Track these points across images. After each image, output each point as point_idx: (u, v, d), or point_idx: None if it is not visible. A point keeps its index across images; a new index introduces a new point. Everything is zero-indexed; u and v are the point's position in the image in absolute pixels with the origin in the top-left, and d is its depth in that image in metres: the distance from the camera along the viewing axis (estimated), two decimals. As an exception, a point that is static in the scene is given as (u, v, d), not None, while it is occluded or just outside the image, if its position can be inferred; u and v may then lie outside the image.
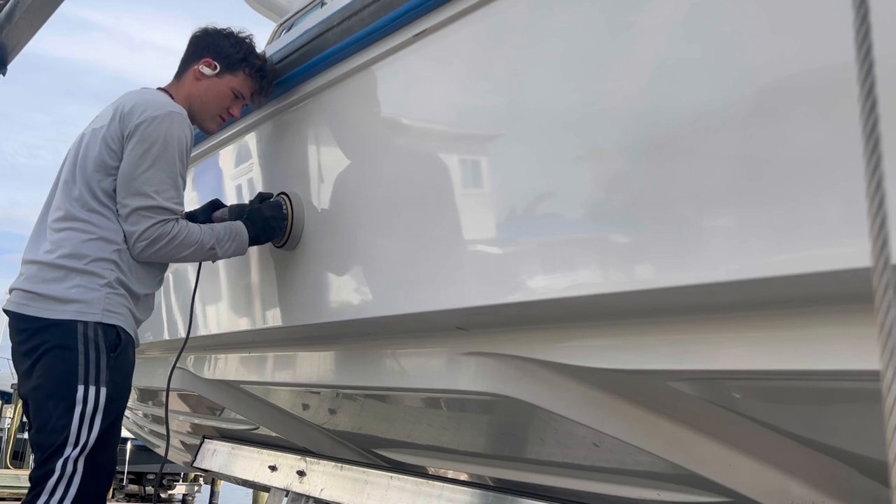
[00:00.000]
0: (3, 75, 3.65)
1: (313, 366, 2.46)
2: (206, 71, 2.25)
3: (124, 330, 2.08)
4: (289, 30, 3.38)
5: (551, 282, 1.45)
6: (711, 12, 1.18)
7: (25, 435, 17.34)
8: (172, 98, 2.22)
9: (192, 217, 2.37)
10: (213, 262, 2.35)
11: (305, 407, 2.89)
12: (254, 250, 2.41)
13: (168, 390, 2.64)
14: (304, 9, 3.63)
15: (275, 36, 3.95)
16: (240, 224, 2.21)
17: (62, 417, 1.96)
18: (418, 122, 1.85)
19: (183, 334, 2.61)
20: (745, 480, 1.56)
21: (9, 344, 2.16)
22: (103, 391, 2.00)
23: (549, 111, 1.46)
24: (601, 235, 1.36)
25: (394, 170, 1.90)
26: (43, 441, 1.98)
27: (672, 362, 1.36)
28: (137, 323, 2.17)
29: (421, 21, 1.73)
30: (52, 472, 1.93)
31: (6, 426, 17.62)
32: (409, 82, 1.87)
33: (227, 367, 2.95)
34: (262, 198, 2.26)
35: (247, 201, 2.37)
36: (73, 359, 1.98)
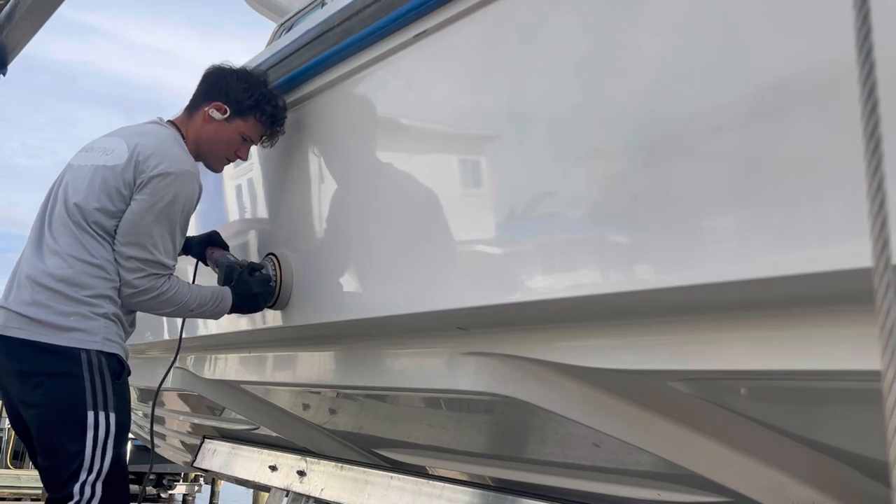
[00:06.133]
0: (4, 75, 3.65)
1: (313, 366, 2.46)
2: (216, 115, 2.22)
3: (122, 359, 2.09)
4: (289, 30, 3.38)
5: (551, 282, 1.45)
6: (712, 12, 1.18)
7: (25, 435, 17.32)
8: (182, 135, 2.22)
9: (187, 245, 2.34)
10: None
11: (306, 407, 2.89)
12: (252, 250, 2.41)
13: (158, 391, 2.63)
14: (304, 9, 3.63)
15: (275, 36, 3.95)
16: (227, 292, 2.22)
17: (75, 443, 1.96)
18: (419, 123, 1.85)
19: (185, 334, 2.60)
20: (745, 480, 1.56)
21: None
22: (113, 417, 2.00)
23: (549, 111, 1.46)
24: (601, 235, 1.36)
25: (394, 170, 1.90)
26: (56, 467, 1.98)
27: (672, 362, 1.36)
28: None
29: (421, 21, 1.73)
30: (71, 496, 1.94)
31: (6, 426, 17.61)
32: (409, 83, 1.87)
33: (227, 367, 2.95)
34: (252, 269, 2.24)
35: (234, 256, 2.36)
36: (79, 385, 1.98)
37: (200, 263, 2.45)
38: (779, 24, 1.08)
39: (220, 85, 2.25)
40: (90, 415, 1.97)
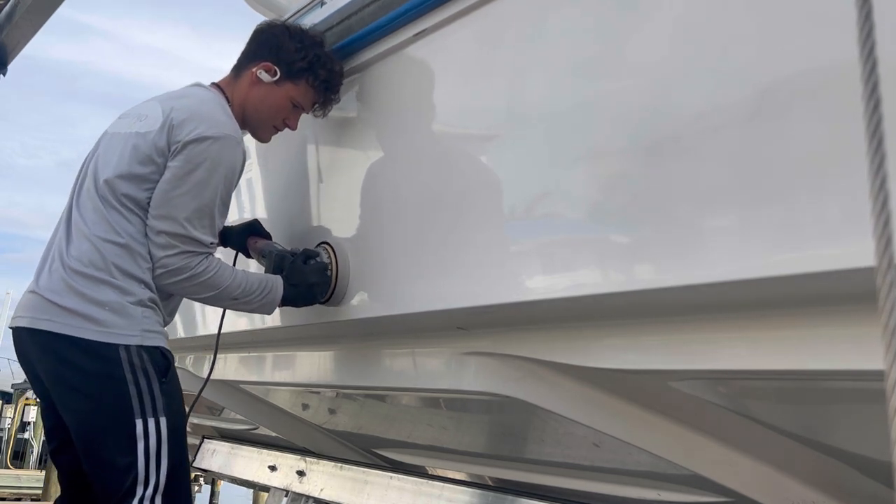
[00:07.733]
0: (4, 76, 3.65)
1: (313, 366, 2.45)
2: (265, 77, 2.00)
3: (166, 350, 1.88)
4: (288, 29, 3.37)
5: (551, 282, 1.45)
6: (712, 12, 1.18)
7: (26, 435, 17.34)
8: (227, 98, 2.02)
9: (225, 234, 2.16)
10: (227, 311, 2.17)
11: (305, 407, 2.89)
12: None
13: (196, 399, 2.60)
14: (304, 8, 3.63)
15: (274, 36, 3.94)
16: (278, 281, 1.98)
17: (126, 455, 1.77)
18: (417, 123, 1.85)
19: (182, 334, 2.61)
20: (746, 480, 1.56)
21: (9, 344, 2.00)
22: (164, 422, 1.80)
23: (548, 111, 1.46)
24: (601, 235, 1.36)
25: (393, 170, 1.90)
26: (107, 480, 1.80)
27: (672, 362, 1.36)
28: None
29: (420, 21, 1.73)
30: None
31: (6, 426, 17.63)
32: (408, 83, 1.87)
33: (227, 366, 2.95)
34: (307, 255, 2.02)
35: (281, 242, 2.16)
36: (122, 390, 1.78)
37: (241, 256, 2.23)
38: (780, 23, 1.08)
39: (270, 43, 2.03)
40: (138, 423, 1.78)
